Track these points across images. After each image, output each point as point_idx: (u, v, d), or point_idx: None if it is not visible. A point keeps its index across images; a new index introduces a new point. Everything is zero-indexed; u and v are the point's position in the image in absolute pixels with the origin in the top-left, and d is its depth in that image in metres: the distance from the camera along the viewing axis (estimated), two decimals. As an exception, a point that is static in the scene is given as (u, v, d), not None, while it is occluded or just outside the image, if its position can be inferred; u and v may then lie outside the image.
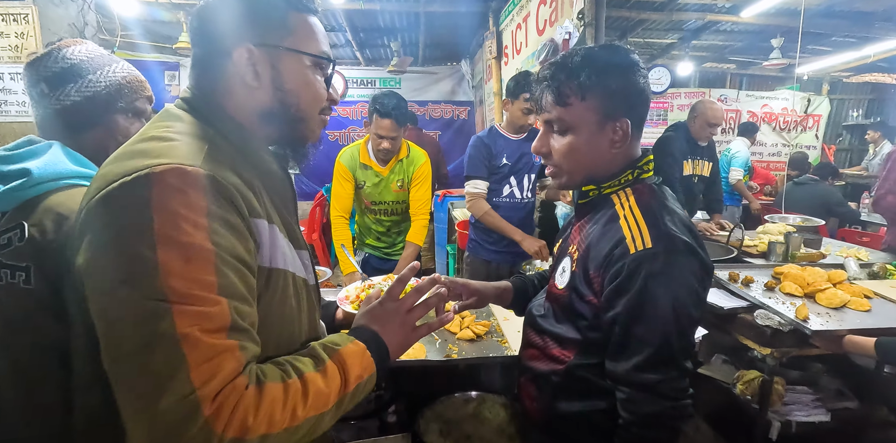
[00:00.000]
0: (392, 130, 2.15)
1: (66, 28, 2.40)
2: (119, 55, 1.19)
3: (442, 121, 6.37)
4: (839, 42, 5.65)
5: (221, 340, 0.54)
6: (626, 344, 0.82)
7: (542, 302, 1.06)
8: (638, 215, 0.86)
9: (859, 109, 7.63)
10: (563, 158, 0.92)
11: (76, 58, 0.94)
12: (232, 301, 0.56)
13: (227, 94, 0.70)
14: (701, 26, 5.27)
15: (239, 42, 0.68)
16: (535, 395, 1.01)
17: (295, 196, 0.81)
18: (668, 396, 0.81)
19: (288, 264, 0.70)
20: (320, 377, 0.63)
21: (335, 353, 0.68)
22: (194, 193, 0.56)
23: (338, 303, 1.09)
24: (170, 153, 0.59)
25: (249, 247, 0.61)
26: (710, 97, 6.13)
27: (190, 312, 0.53)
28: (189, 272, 0.54)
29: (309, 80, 0.73)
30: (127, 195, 0.56)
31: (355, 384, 0.68)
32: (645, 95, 0.90)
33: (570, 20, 2.53)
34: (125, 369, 0.53)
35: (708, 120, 2.84)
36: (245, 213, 0.61)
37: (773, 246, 2.11)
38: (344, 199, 2.35)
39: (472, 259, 2.47)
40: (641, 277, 0.79)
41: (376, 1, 4.36)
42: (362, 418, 1.52)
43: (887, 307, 1.52)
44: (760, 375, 1.50)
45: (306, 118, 0.75)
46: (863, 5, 4.45)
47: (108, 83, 0.96)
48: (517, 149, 2.27)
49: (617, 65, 0.88)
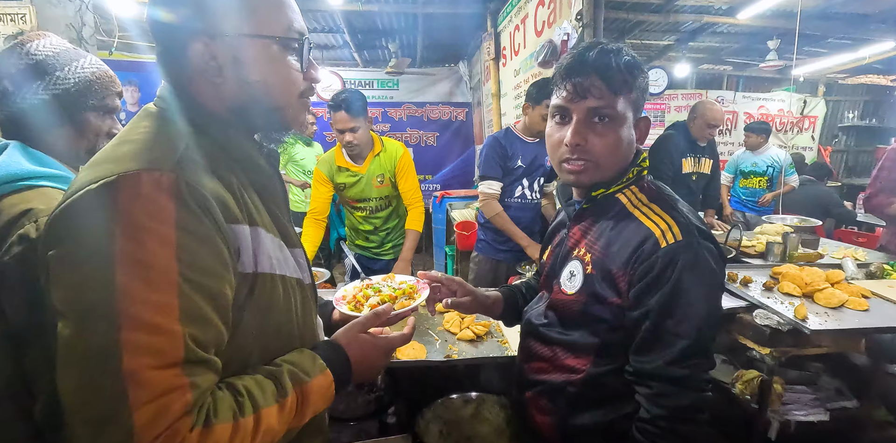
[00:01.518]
0: (348, 122, 2.15)
1: (64, 28, 2.39)
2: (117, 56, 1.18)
3: (440, 122, 6.37)
4: (835, 44, 5.69)
5: (171, 377, 0.50)
6: (657, 339, 0.81)
7: (542, 311, 1.01)
8: (657, 210, 0.85)
9: (855, 111, 7.68)
10: (606, 152, 0.87)
11: (42, 53, 0.89)
12: (191, 328, 0.53)
13: (198, 90, 0.66)
14: (698, 28, 5.30)
15: (193, 36, 0.62)
16: (549, 409, 0.96)
17: (285, 191, 0.78)
18: (697, 387, 0.80)
19: (276, 267, 0.67)
20: (276, 412, 0.60)
21: (302, 385, 0.65)
22: (163, 202, 0.53)
23: (334, 303, 1.08)
24: (140, 157, 0.56)
25: (224, 257, 0.57)
26: (706, 98, 6.16)
27: (141, 346, 0.49)
28: (148, 296, 0.50)
29: (278, 66, 0.66)
30: (89, 207, 0.52)
31: (310, 418, 0.67)
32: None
33: (569, 21, 2.54)
34: (69, 400, 0.50)
35: (708, 121, 2.85)
36: (220, 220, 0.57)
37: (770, 246, 2.12)
38: (319, 203, 2.39)
39: (481, 258, 2.48)
40: (676, 271, 0.78)
41: (375, 2, 4.36)
42: (362, 419, 1.51)
43: (885, 307, 1.52)
44: (760, 374, 1.50)
45: (283, 106, 0.69)
46: (858, 7, 4.48)
47: (77, 80, 0.90)
48: (532, 152, 2.29)
49: (639, 62, 0.88)
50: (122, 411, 0.48)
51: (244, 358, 0.64)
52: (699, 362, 0.81)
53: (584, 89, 0.84)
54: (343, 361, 0.75)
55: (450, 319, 1.59)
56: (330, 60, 6.48)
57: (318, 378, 0.67)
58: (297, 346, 0.72)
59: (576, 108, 0.86)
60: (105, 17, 3.39)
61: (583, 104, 0.85)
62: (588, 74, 0.83)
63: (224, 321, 0.58)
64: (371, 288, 1.15)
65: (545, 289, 1.05)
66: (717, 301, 0.84)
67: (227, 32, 0.63)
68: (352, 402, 1.58)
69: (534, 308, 1.05)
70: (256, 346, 0.65)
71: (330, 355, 0.73)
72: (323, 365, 0.70)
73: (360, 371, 0.77)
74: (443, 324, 1.60)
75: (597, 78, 0.83)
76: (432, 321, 1.66)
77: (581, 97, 0.85)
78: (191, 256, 0.53)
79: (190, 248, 0.54)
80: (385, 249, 2.51)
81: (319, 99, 6.10)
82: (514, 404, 1.11)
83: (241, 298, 0.61)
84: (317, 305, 0.85)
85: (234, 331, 0.60)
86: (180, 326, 0.52)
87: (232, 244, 0.59)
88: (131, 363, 0.49)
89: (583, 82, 0.84)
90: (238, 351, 0.63)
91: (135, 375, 0.49)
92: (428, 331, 1.58)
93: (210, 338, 0.55)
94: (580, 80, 0.84)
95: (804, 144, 6.67)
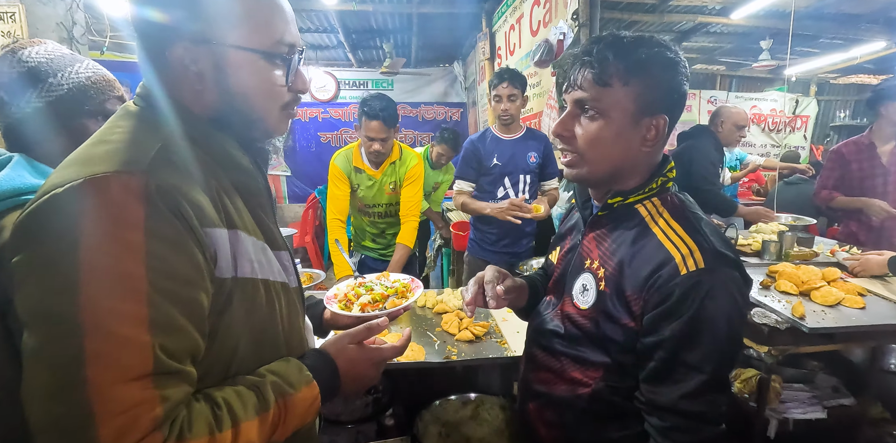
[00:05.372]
0: (381, 132, 2.15)
1: (54, 27, 2.36)
2: (109, 57, 1.15)
3: (434, 122, 6.37)
4: (826, 44, 5.74)
5: (139, 390, 0.48)
6: (671, 371, 0.75)
7: (551, 318, 0.95)
8: (680, 232, 0.78)
9: (846, 110, 7.75)
10: (588, 146, 0.82)
11: (34, 60, 0.86)
12: (162, 338, 0.50)
13: (178, 93, 0.63)
14: (692, 28, 5.32)
15: (175, 39, 0.59)
16: (557, 422, 0.92)
17: (270, 192, 0.75)
18: (714, 422, 0.76)
19: (258, 271, 0.64)
20: (257, 427, 0.58)
21: (286, 397, 0.63)
22: (131, 206, 0.50)
23: (325, 301, 1.06)
24: (111, 159, 0.54)
25: (198, 263, 0.55)
26: (700, 99, 6.20)
27: (107, 357, 0.47)
28: (114, 305, 0.48)
29: (261, 78, 0.64)
30: (55, 212, 0.50)
31: (294, 430, 0.65)
32: (685, 97, 0.83)
33: (565, 21, 2.54)
34: (34, 412, 0.48)
35: (737, 122, 2.76)
36: (195, 223, 0.55)
37: (766, 245, 2.13)
38: (340, 200, 2.34)
39: (471, 259, 2.48)
40: (696, 301, 0.72)
41: (369, 2, 4.35)
42: (360, 421, 1.50)
43: (881, 304, 1.53)
44: (758, 373, 1.51)
45: (264, 117, 0.67)
46: (849, 8, 4.53)
47: (71, 85, 0.88)
48: (509, 149, 2.28)
49: (667, 58, 0.79)
50: (87, 425, 0.46)
51: (225, 367, 0.62)
52: (715, 398, 0.75)
53: (574, 80, 0.82)
54: (331, 371, 0.72)
55: (448, 320, 1.58)
56: (324, 60, 6.46)
57: (303, 390, 0.65)
58: (283, 351, 0.70)
59: (568, 99, 0.85)
60: (96, 17, 3.36)
61: (572, 94, 0.83)
62: (582, 66, 0.81)
63: (199, 330, 0.55)
64: (363, 286, 1.14)
65: (553, 295, 0.99)
66: (737, 334, 0.76)
67: (212, 40, 0.60)
68: (350, 404, 1.57)
69: (542, 315, 0.99)
70: (239, 353, 0.63)
71: (318, 365, 0.71)
72: (309, 376, 0.67)
73: (349, 382, 0.75)
74: (441, 325, 1.59)
75: (588, 69, 0.80)
76: (431, 322, 1.65)
77: (572, 88, 0.83)
78: (161, 262, 0.51)
79: (160, 254, 0.51)
80: (392, 250, 2.49)
81: (313, 99, 6.09)
82: (518, 414, 1.06)
83: (220, 304, 0.59)
84: (304, 308, 0.83)
85: (213, 338, 0.58)
86: (150, 336, 0.49)
87: (208, 249, 0.57)
88: (96, 376, 0.47)
89: (576, 73, 0.82)
90: (218, 360, 0.60)
91: (100, 387, 0.47)
92: (427, 332, 1.57)
93: (183, 347, 0.53)
94: (573, 72, 0.83)
95: (796, 143, 6.73)
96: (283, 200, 6.36)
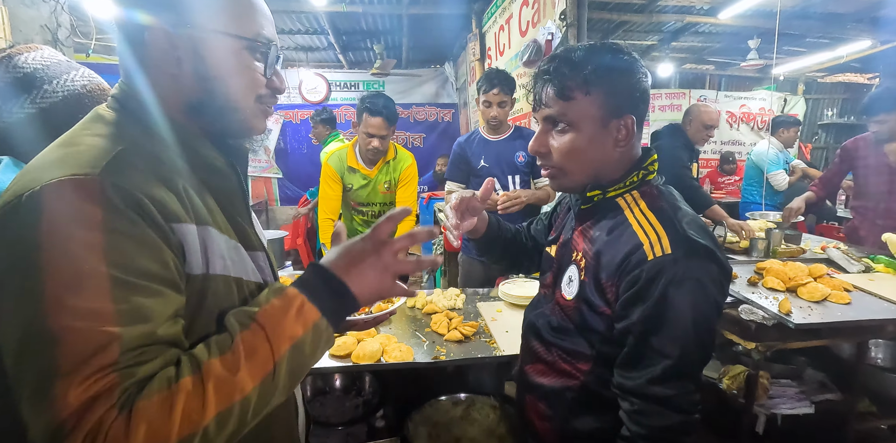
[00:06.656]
0: (382, 129, 2.18)
1: (38, 30, 2.33)
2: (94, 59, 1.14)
3: (426, 123, 6.37)
4: (813, 43, 5.81)
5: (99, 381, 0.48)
6: (640, 355, 0.78)
7: (544, 311, 0.99)
8: (652, 219, 0.81)
9: (834, 109, 7.83)
10: (565, 158, 0.86)
11: (29, 66, 0.86)
12: (130, 329, 0.50)
13: (154, 82, 0.63)
14: (680, 28, 5.37)
15: (156, 22, 0.60)
16: (548, 414, 0.94)
17: (245, 193, 0.74)
18: (682, 409, 0.77)
19: (230, 269, 0.63)
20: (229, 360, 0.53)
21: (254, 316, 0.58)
22: (88, 207, 0.51)
23: None
24: (68, 163, 0.54)
25: (165, 258, 0.54)
26: (689, 98, 6.24)
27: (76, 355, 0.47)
28: (79, 304, 0.48)
29: (240, 66, 0.65)
30: (14, 219, 0.51)
31: (288, 347, 0.57)
32: (647, 94, 0.87)
33: (553, 21, 2.55)
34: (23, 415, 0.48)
35: (704, 122, 2.83)
36: (159, 219, 0.55)
37: (754, 242, 2.15)
38: (332, 200, 2.36)
39: (465, 259, 2.49)
40: (661, 285, 0.74)
41: (359, 3, 4.34)
42: (350, 423, 1.49)
43: (867, 300, 1.55)
44: (746, 369, 1.52)
45: (239, 108, 0.66)
46: (836, 7, 4.58)
47: (66, 93, 0.88)
48: (495, 150, 2.29)
49: (621, 61, 0.84)
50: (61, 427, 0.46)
51: None
52: (684, 384, 0.76)
53: (538, 100, 0.87)
54: (320, 274, 0.64)
55: (437, 321, 1.58)
56: (314, 62, 6.45)
57: (273, 302, 0.59)
58: None
59: (538, 117, 0.89)
60: (82, 19, 3.33)
61: (540, 113, 0.88)
62: (543, 84, 0.86)
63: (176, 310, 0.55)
64: None
65: (550, 289, 1.01)
66: (707, 322, 0.77)
67: (193, 24, 0.61)
68: (339, 406, 1.56)
69: (537, 308, 1.03)
70: None
71: (303, 276, 0.64)
72: (280, 288, 0.61)
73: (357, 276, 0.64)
74: (430, 325, 1.58)
75: (549, 87, 0.84)
76: (420, 323, 1.64)
77: (539, 106, 0.88)
78: (123, 257, 0.51)
79: (121, 249, 0.51)
80: None
81: (304, 101, 6.07)
82: (516, 406, 1.08)
83: (193, 302, 0.58)
84: None
85: (190, 337, 0.58)
86: (117, 328, 0.49)
87: (174, 243, 0.56)
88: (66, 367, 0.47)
89: (538, 93, 0.87)
90: None
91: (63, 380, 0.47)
92: (415, 332, 1.56)
93: (147, 334, 0.52)
94: (536, 91, 0.87)
95: (785, 141, 6.79)
96: (275, 202, 6.32)
